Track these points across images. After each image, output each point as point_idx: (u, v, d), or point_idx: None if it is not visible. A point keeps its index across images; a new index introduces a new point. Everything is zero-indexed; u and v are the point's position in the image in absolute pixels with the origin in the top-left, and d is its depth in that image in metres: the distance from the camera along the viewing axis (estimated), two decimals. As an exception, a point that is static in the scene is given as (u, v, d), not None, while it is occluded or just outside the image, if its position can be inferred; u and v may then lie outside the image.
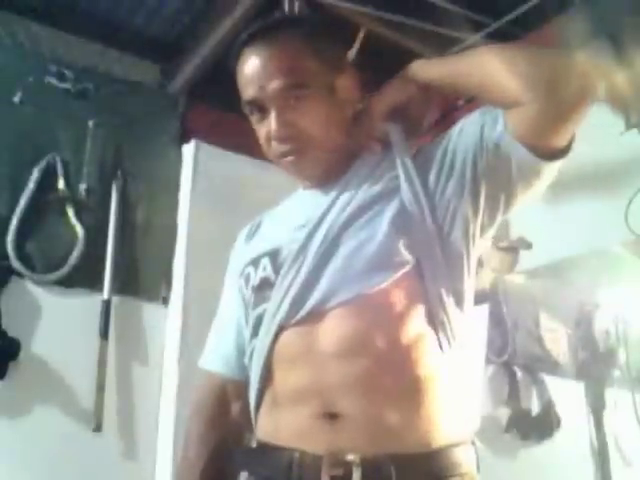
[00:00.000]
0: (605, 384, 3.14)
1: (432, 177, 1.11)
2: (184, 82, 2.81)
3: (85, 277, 2.43)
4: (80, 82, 2.56)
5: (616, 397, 3.12)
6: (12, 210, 2.34)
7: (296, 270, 1.09)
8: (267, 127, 1.14)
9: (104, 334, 2.40)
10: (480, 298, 2.71)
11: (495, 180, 1.08)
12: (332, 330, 1.05)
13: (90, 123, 2.55)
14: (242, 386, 1.22)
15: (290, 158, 1.15)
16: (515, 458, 2.85)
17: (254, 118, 1.17)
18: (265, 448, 1.10)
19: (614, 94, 2.03)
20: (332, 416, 1.02)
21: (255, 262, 1.18)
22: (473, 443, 1.10)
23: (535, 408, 2.98)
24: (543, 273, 2.76)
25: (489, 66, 1.06)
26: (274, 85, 1.11)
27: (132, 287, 2.54)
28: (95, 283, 2.44)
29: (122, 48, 2.79)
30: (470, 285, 1.13)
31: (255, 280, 1.16)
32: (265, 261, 1.16)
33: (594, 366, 3.16)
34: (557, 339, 3.14)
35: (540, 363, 3.06)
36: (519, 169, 1.06)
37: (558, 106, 1.00)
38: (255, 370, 1.13)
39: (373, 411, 1.01)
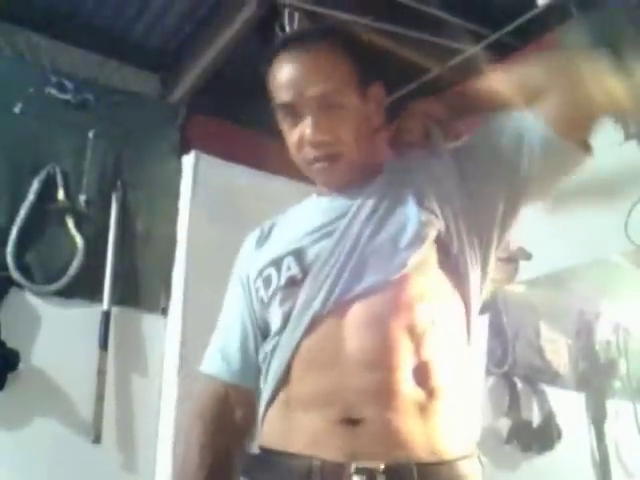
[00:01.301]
0: (606, 395, 3.13)
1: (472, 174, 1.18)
2: (184, 93, 2.82)
3: (85, 288, 2.43)
4: (80, 93, 2.57)
5: (617, 408, 3.11)
6: (12, 220, 2.34)
7: (330, 266, 1.11)
8: (300, 132, 1.16)
9: (103, 345, 2.39)
10: (480, 309, 2.70)
11: (518, 179, 1.16)
12: (357, 335, 1.06)
13: (90, 134, 2.55)
14: (245, 392, 1.22)
15: (323, 164, 1.17)
16: (516, 469, 2.84)
17: (286, 122, 1.19)
18: (274, 455, 1.08)
19: (613, 105, 2.03)
20: (353, 422, 1.02)
21: (277, 263, 1.18)
22: (479, 457, 1.10)
23: (536, 419, 2.97)
24: (543, 283, 2.75)
25: (517, 72, 1.21)
26: (313, 91, 1.14)
27: (132, 298, 2.54)
28: (94, 294, 2.44)
29: (122, 59, 2.80)
30: (480, 289, 1.19)
31: (280, 280, 1.16)
32: (289, 260, 1.16)
33: (595, 377, 3.14)
34: (557, 349, 3.13)
35: (540, 374, 3.05)
36: (549, 163, 1.15)
37: (583, 98, 1.13)
38: (274, 369, 1.13)
39: (394, 418, 1.02)
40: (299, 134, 1.17)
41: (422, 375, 1.06)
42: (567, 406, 3.06)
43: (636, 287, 2.74)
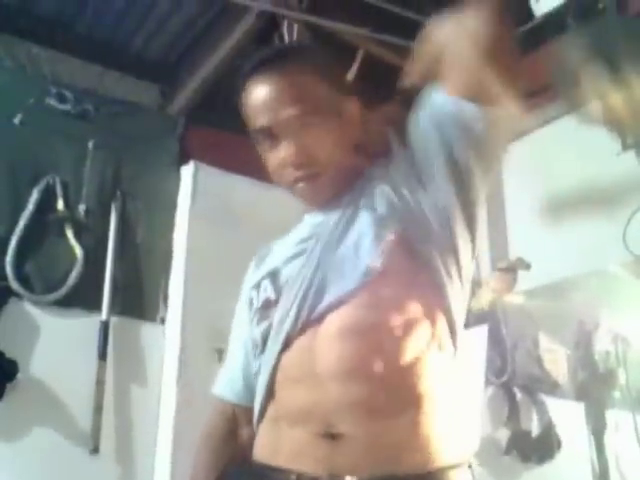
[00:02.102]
0: (605, 405, 3.12)
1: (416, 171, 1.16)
2: (183, 103, 2.83)
3: (83, 297, 2.42)
4: (80, 103, 2.58)
5: (617, 418, 3.11)
6: (11, 230, 2.34)
7: (300, 281, 1.12)
8: (279, 154, 1.16)
9: (102, 354, 2.39)
10: (479, 318, 2.70)
11: (452, 152, 1.12)
12: (331, 350, 1.05)
13: (90, 144, 2.56)
14: (250, 411, 1.22)
15: (305, 183, 1.17)
16: (515, 480, 2.83)
17: (263, 146, 1.18)
18: (260, 468, 1.09)
19: (611, 116, 2.04)
20: (332, 436, 1.02)
21: (257, 286, 1.21)
22: (470, 466, 1.09)
23: (535, 429, 2.96)
24: (542, 293, 2.75)
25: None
26: (287, 113, 1.13)
27: (130, 307, 2.54)
28: (93, 303, 2.44)
29: (122, 70, 2.81)
30: (462, 294, 1.16)
31: (258, 302, 1.19)
32: (265, 283, 1.19)
33: (594, 387, 3.14)
34: (556, 359, 3.13)
35: (540, 384, 3.05)
36: (465, 129, 1.10)
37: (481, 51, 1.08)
38: (260, 386, 1.14)
39: (374, 432, 1.01)
40: (278, 157, 1.17)
41: (401, 384, 1.04)
42: (567, 416, 3.05)
43: (635, 297, 2.75)
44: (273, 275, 1.18)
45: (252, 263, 1.35)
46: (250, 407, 1.22)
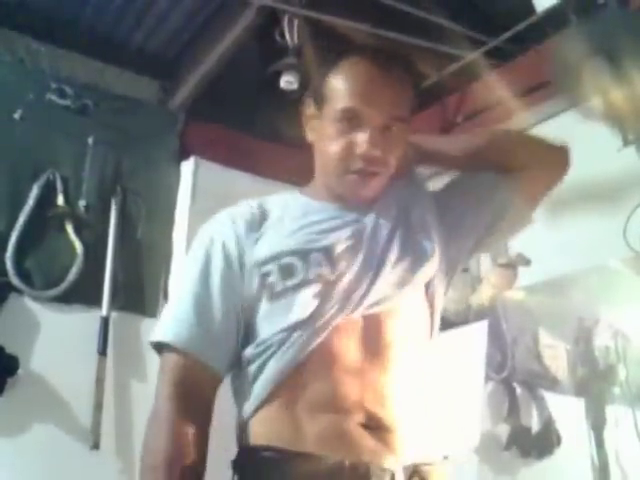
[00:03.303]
0: (605, 401, 3.12)
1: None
2: (183, 99, 2.82)
3: (84, 293, 2.43)
4: (80, 99, 2.58)
5: (617, 414, 3.10)
6: (11, 226, 2.34)
7: (361, 277, 1.15)
8: (351, 139, 1.17)
9: (102, 350, 2.39)
10: (479, 314, 2.70)
11: (487, 229, 1.31)
12: (377, 344, 1.13)
13: (90, 140, 2.56)
14: (211, 374, 1.12)
15: (363, 177, 1.20)
16: (515, 475, 2.83)
17: (338, 126, 1.18)
18: (284, 454, 1.05)
19: (612, 111, 2.04)
20: (370, 425, 1.08)
21: (302, 255, 1.15)
22: (449, 464, 1.23)
23: (535, 425, 2.96)
24: (542, 289, 2.75)
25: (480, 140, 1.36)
26: (387, 108, 1.17)
27: (131, 303, 2.54)
28: (94, 299, 2.44)
29: (122, 65, 2.81)
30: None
31: (307, 274, 1.13)
32: (319, 257, 1.15)
33: (594, 382, 3.14)
34: (556, 355, 3.12)
35: (539, 379, 3.04)
36: (508, 219, 1.31)
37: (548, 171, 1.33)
38: (278, 364, 1.08)
39: (406, 423, 1.11)
40: (349, 142, 1.17)
41: (421, 380, 1.18)
42: (566, 412, 3.05)
43: (635, 293, 2.74)
44: (327, 252, 1.16)
45: (236, 218, 1.26)
46: (213, 369, 1.12)
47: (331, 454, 1.04)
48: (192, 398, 1.10)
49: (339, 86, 1.19)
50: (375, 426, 1.08)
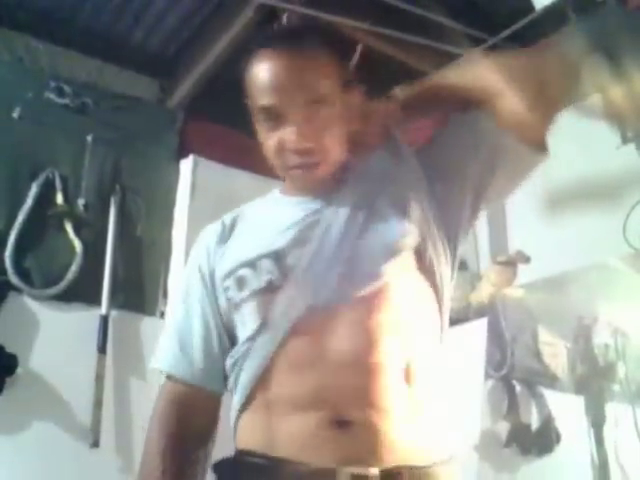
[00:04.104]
0: (605, 398, 3.12)
1: (437, 179, 1.20)
2: (182, 97, 2.82)
3: (83, 292, 2.43)
4: (79, 97, 2.57)
5: (616, 411, 3.11)
6: (10, 225, 2.34)
7: (312, 273, 1.10)
8: (281, 137, 1.12)
9: (102, 349, 2.39)
10: (479, 312, 2.70)
11: (482, 180, 1.19)
12: (342, 338, 1.05)
13: (89, 138, 2.56)
14: (207, 394, 1.18)
15: (304, 171, 1.14)
16: (515, 473, 2.83)
17: (265, 125, 1.14)
18: (257, 459, 1.05)
19: (611, 109, 2.04)
20: (342, 424, 1.00)
21: (252, 264, 1.14)
22: (457, 461, 1.10)
23: (535, 422, 2.96)
24: (541, 287, 2.75)
25: (469, 71, 1.20)
26: (300, 97, 1.10)
27: (130, 301, 2.54)
28: (93, 298, 2.44)
29: (121, 63, 2.80)
30: (450, 289, 1.21)
31: (258, 283, 1.12)
32: (267, 263, 1.12)
33: (593, 380, 3.14)
34: (555, 353, 3.12)
35: (539, 377, 3.05)
36: (504, 164, 1.17)
37: (546, 102, 1.12)
38: (249, 372, 1.09)
39: (384, 420, 1.01)
40: (279, 139, 1.12)
41: (408, 376, 1.07)
42: (566, 409, 3.06)
43: (634, 291, 2.75)
44: (277, 257, 1.13)
45: (210, 232, 1.28)
46: (208, 390, 1.18)
47: (301, 457, 1.00)
48: (182, 418, 1.16)
49: (253, 84, 1.14)
50: (349, 427, 1.00)
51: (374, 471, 0.98)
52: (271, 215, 1.23)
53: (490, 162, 1.17)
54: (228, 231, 1.26)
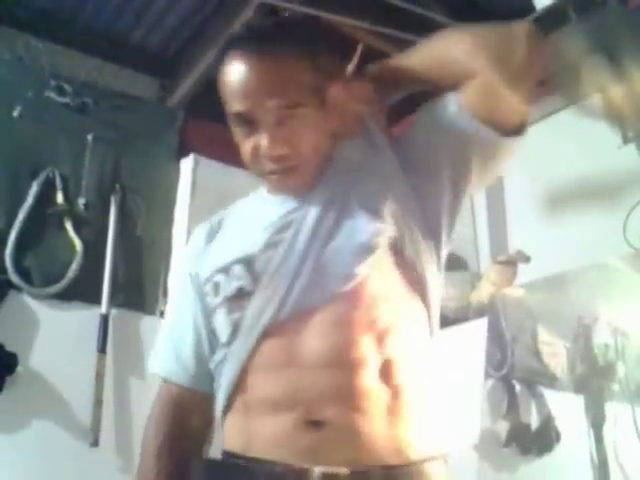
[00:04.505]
0: (604, 398, 3.12)
1: (412, 172, 1.15)
2: (183, 96, 2.83)
3: (83, 291, 2.43)
4: (79, 96, 2.57)
5: (616, 411, 3.11)
6: (11, 224, 2.34)
7: (281, 278, 1.07)
8: (255, 142, 1.09)
9: (102, 348, 2.39)
10: (479, 311, 2.70)
11: (456, 166, 1.13)
12: (315, 338, 1.03)
13: (89, 137, 2.56)
14: (201, 396, 1.19)
15: (280, 176, 1.11)
16: (515, 472, 2.83)
17: (239, 130, 1.11)
18: (236, 460, 1.05)
19: (611, 109, 2.04)
20: (315, 424, 1.00)
21: (226, 270, 1.13)
22: (445, 460, 1.09)
23: (534, 422, 2.96)
24: (541, 286, 2.75)
25: (439, 45, 1.17)
26: (270, 103, 1.05)
27: (130, 300, 2.54)
28: (93, 297, 2.44)
29: (121, 63, 2.81)
30: (439, 281, 1.17)
31: (229, 289, 1.11)
32: (239, 269, 1.11)
33: (593, 380, 3.14)
34: (555, 353, 3.13)
35: (539, 377, 3.05)
36: (474, 146, 1.11)
37: (508, 74, 1.06)
38: (227, 376, 1.10)
39: (358, 420, 1.00)
40: (254, 145, 1.09)
41: (385, 374, 1.04)
42: (566, 409, 3.06)
43: (634, 290, 2.75)
44: (248, 262, 1.11)
45: (200, 233, 1.28)
46: (202, 392, 1.18)
47: (277, 457, 1.00)
48: (178, 419, 1.19)
49: (224, 88, 1.09)
50: (323, 427, 0.99)
51: (344, 470, 0.97)
52: (253, 215, 1.21)
53: (462, 150, 1.12)
54: (214, 232, 1.26)
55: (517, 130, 1.11)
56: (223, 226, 1.26)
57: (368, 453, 1.00)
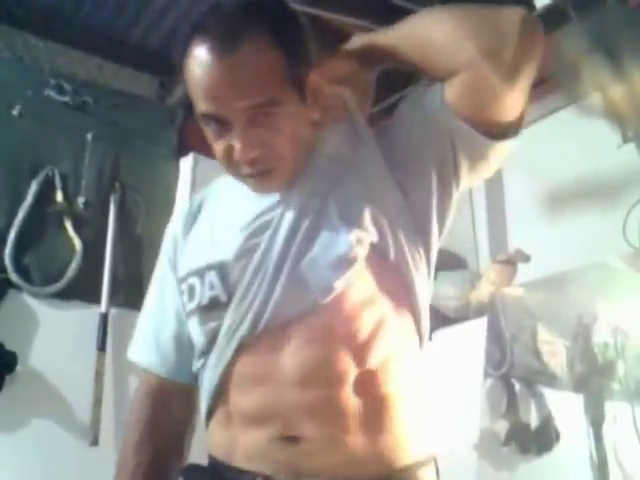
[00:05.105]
0: (604, 397, 3.13)
1: (397, 166, 1.06)
2: (182, 95, 2.81)
3: (83, 290, 2.42)
4: (79, 95, 2.57)
5: (615, 410, 3.11)
6: (10, 222, 2.34)
7: (256, 288, 1.01)
8: (227, 142, 0.99)
9: (101, 347, 2.39)
10: (478, 311, 2.71)
11: (444, 162, 1.03)
12: (290, 355, 0.98)
13: (89, 136, 2.55)
14: (182, 387, 1.15)
15: (257, 179, 1.02)
16: (514, 471, 2.84)
17: (210, 130, 1.01)
18: (220, 467, 1.04)
19: (611, 108, 2.04)
20: (292, 439, 0.97)
21: (200, 274, 1.07)
22: (435, 463, 1.06)
23: (534, 421, 2.97)
24: (541, 286, 2.76)
25: (426, 27, 1.06)
26: (240, 104, 0.94)
27: (130, 299, 2.53)
28: (93, 296, 2.44)
29: (121, 61, 2.80)
30: (428, 287, 1.09)
31: (204, 298, 1.05)
32: (213, 276, 1.05)
33: (593, 379, 3.15)
34: (555, 352, 3.13)
35: (538, 376, 3.05)
36: (463, 148, 1.01)
37: (501, 69, 0.95)
38: (207, 386, 1.06)
39: (337, 434, 0.97)
40: (226, 146, 0.99)
41: (367, 386, 0.99)
42: (565, 408, 3.06)
43: (634, 289, 2.75)
44: (222, 271, 1.04)
45: (180, 217, 1.22)
46: (182, 382, 1.15)
47: (257, 469, 0.98)
48: (158, 408, 1.17)
49: (189, 82, 0.99)
50: (299, 442, 0.96)
51: None
52: (230, 209, 1.12)
53: (448, 147, 1.02)
54: (193, 217, 1.18)
55: (507, 133, 1.01)
56: (202, 212, 1.18)
57: (347, 466, 0.97)
